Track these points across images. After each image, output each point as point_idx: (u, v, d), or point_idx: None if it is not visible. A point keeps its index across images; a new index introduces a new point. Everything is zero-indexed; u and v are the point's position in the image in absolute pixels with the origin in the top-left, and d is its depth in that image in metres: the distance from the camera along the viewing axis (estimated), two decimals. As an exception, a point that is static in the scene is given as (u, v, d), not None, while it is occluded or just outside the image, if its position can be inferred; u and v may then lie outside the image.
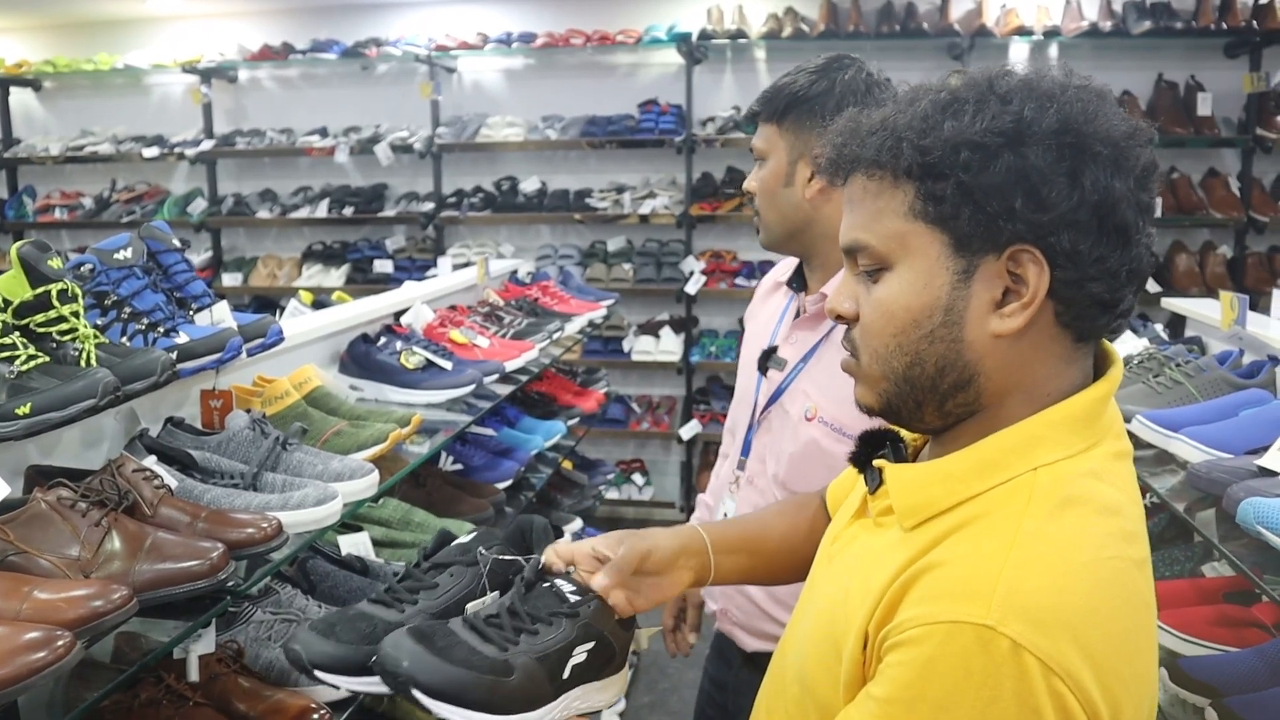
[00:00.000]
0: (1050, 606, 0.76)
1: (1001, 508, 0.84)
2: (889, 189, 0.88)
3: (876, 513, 0.96)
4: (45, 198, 6.03)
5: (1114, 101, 0.87)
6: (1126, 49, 4.94)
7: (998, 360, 0.87)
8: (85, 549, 1.29)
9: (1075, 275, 0.84)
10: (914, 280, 0.88)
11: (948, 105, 0.86)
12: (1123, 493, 0.87)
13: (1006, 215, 0.83)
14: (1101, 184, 0.83)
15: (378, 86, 5.73)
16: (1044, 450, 0.86)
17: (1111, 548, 0.82)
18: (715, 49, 5.30)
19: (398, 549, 2.26)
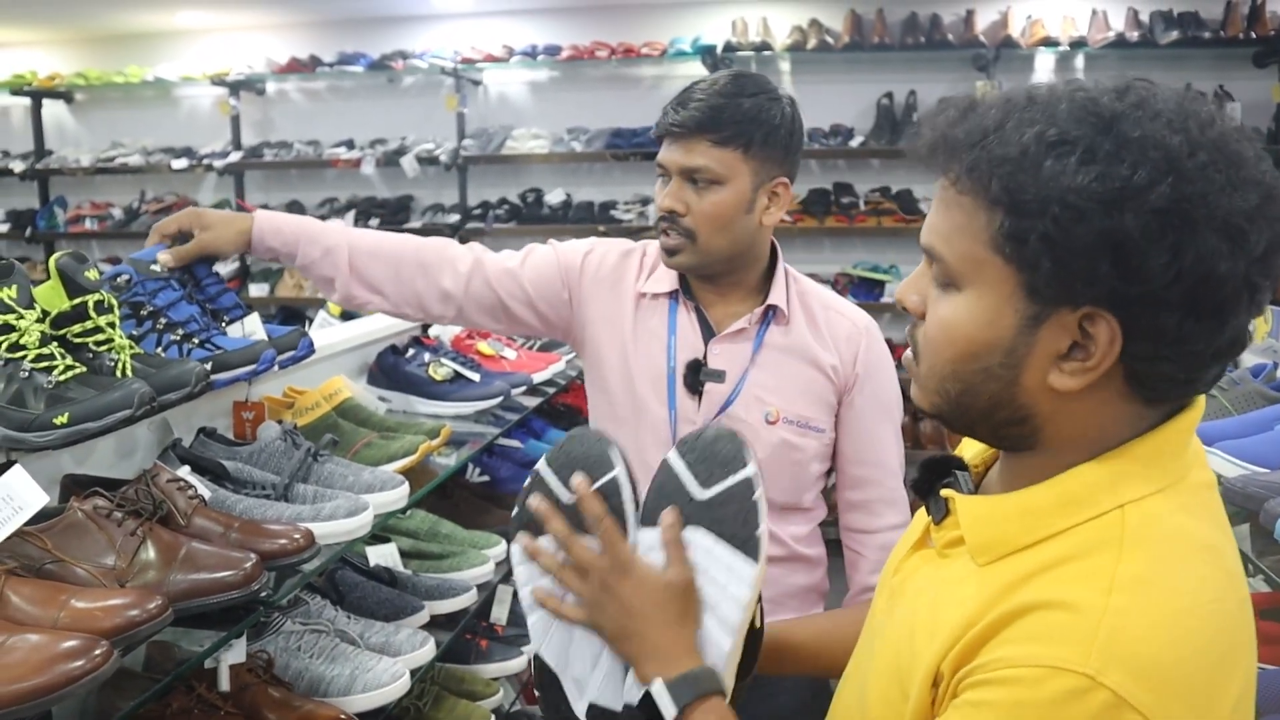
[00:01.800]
0: (1155, 658, 0.72)
1: (1091, 548, 0.79)
2: (977, 209, 0.81)
3: (942, 544, 0.91)
4: (76, 208, 6.11)
5: (1253, 163, 0.77)
6: (1153, 59, 4.90)
7: (1055, 409, 0.83)
8: (121, 558, 1.30)
9: (1150, 351, 0.77)
10: (981, 312, 0.82)
11: (1053, 146, 0.76)
12: (1216, 527, 0.83)
13: (1088, 279, 0.76)
14: (1207, 265, 0.74)
15: (404, 99, 5.77)
16: (1132, 486, 0.80)
17: (1214, 591, 0.78)
18: (740, 61, 5.28)
19: (425, 560, 2.26)
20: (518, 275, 1.78)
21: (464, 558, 2.26)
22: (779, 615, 1.37)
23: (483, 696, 2.31)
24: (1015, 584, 0.80)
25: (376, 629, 1.88)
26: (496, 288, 1.76)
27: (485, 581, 2.27)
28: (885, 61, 5.09)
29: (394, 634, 1.86)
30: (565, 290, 1.79)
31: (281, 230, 1.73)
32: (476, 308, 1.78)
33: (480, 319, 1.81)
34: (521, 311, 1.79)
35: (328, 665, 1.72)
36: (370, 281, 1.75)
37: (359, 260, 1.74)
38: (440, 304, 1.77)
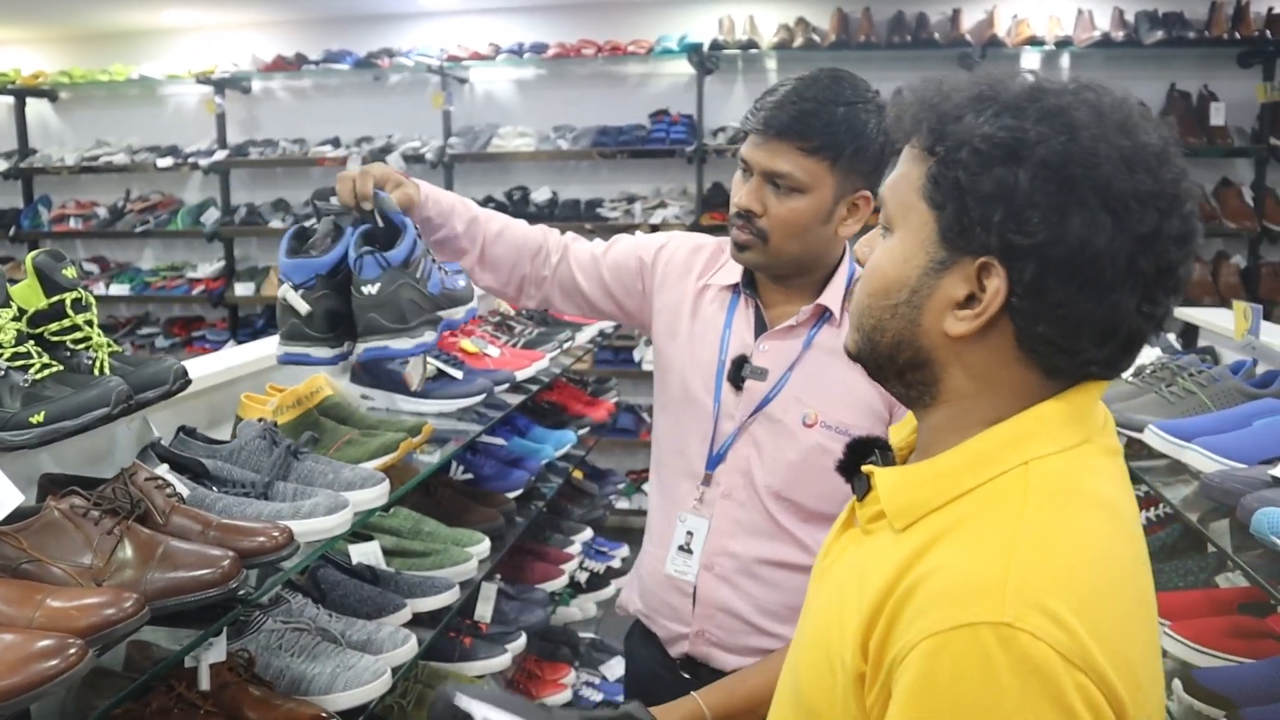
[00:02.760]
0: (1069, 600, 0.75)
1: (997, 503, 0.83)
2: (918, 160, 0.89)
3: (865, 520, 0.95)
4: (60, 207, 6.08)
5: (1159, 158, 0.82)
6: (1139, 59, 4.93)
7: (951, 356, 0.88)
8: (98, 557, 1.29)
9: (1031, 308, 0.83)
10: (900, 251, 0.90)
11: (979, 100, 0.85)
12: (1118, 491, 0.87)
13: (985, 225, 0.83)
14: (1088, 232, 0.80)
15: (390, 97, 5.76)
16: (1035, 444, 0.85)
17: (1114, 543, 0.82)
18: (726, 59, 5.32)
19: (408, 558, 2.26)
20: (600, 262, 1.84)
21: (446, 555, 2.26)
22: None
23: (467, 694, 2.30)
24: (926, 546, 0.83)
25: (358, 627, 1.88)
26: (578, 275, 1.83)
27: (468, 579, 2.27)
28: (871, 60, 5.09)
29: (376, 632, 1.86)
30: (640, 282, 1.84)
31: (440, 202, 1.75)
32: (559, 292, 1.85)
33: (562, 303, 1.87)
34: (599, 300, 1.85)
35: (309, 663, 1.72)
36: (493, 261, 1.81)
37: (490, 240, 1.79)
38: (534, 288, 1.85)
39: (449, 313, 1.69)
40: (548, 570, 3.03)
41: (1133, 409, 2.05)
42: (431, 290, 1.62)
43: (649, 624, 1.84)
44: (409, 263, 1.58)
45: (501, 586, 2.80)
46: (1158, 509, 2.26)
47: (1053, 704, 0.72)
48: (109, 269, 6.09)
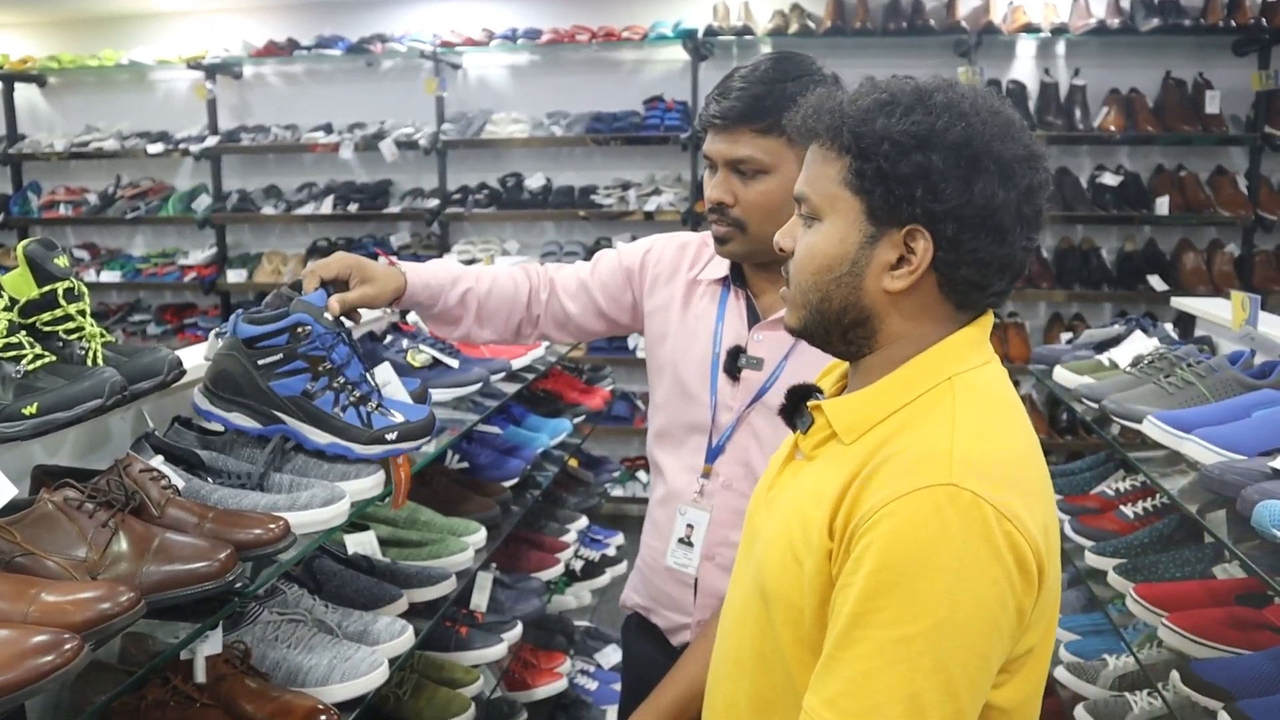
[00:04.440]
0: (995, 468, 0.97)
1: (932, 407, 1.05)
2: (833, 159, 1.08)
3: (810, 447, 1.15)
4: (50, 194, 6.03)
5: (1020, 128, 1.07)
6: (1134, 46, 4.92)
7: (889, 309, 1.09)
8: (92, 550, 1.28)
9: (953, 258, 1.05)
10: (834, 234, 1.09)
11: (885, 105, 1.05)
12: (1015, 397, 1.11)
13: (909, 200, 1.03)
14: (988, 192, 1.02)
15: (383, 83, 5.73)
16: (955, 364, 1.08)
17: (1023, 435, 1.06)
18: (721, 45, 5.29)
19: (404, 548, 2.25)
20: (588, 286, 1.86)
21: (443, 545, 2.25)
22: None
23: (463, 684, 2.30)
24: (878, 445, 1.05)
25: (354, 618, 1.87)
26: (568, 305, 1.86)
27: (465, 569, 2.26)
28: (867, 47, 5.08)
29: (372, 623, 1.85)
30: (630, 292, 1.86)
31: (429, 285, 1.76)
32: (553, 325, 1.89)
33: (555, 335, 1.92)
34: (591, 323, 1.88)
35: (305, 655, 1.71)
36: (489, 318, 1.83)
37: (483, 301, 1.81)
38: (530, 328, 1.88)
39: (300, 426, 1.58)
40: (543, 559, 3.03)
41: (1131, 399, 2.05)
42: (279, 391, 1.57)
43: (649, 615, 1.84)
44: (254, 344, 1.58)
45: (497, 575, 2.80)
46: (1155, 499, 2.26)
47: (987, 545, 0.94)
48: (100, 256, 6.04)
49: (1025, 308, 5.26)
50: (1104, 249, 5.15)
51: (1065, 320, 5.21)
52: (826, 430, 1.12)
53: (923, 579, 0.93)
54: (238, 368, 1.59)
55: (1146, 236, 5.12)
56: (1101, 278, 5.02)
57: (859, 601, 0.96)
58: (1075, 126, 4.95)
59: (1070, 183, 5.03)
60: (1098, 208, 4.96)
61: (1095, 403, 2.16)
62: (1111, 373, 2.29)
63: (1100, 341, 2.58)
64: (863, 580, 0.96)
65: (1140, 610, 1.96)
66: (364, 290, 1.67)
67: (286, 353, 1.57)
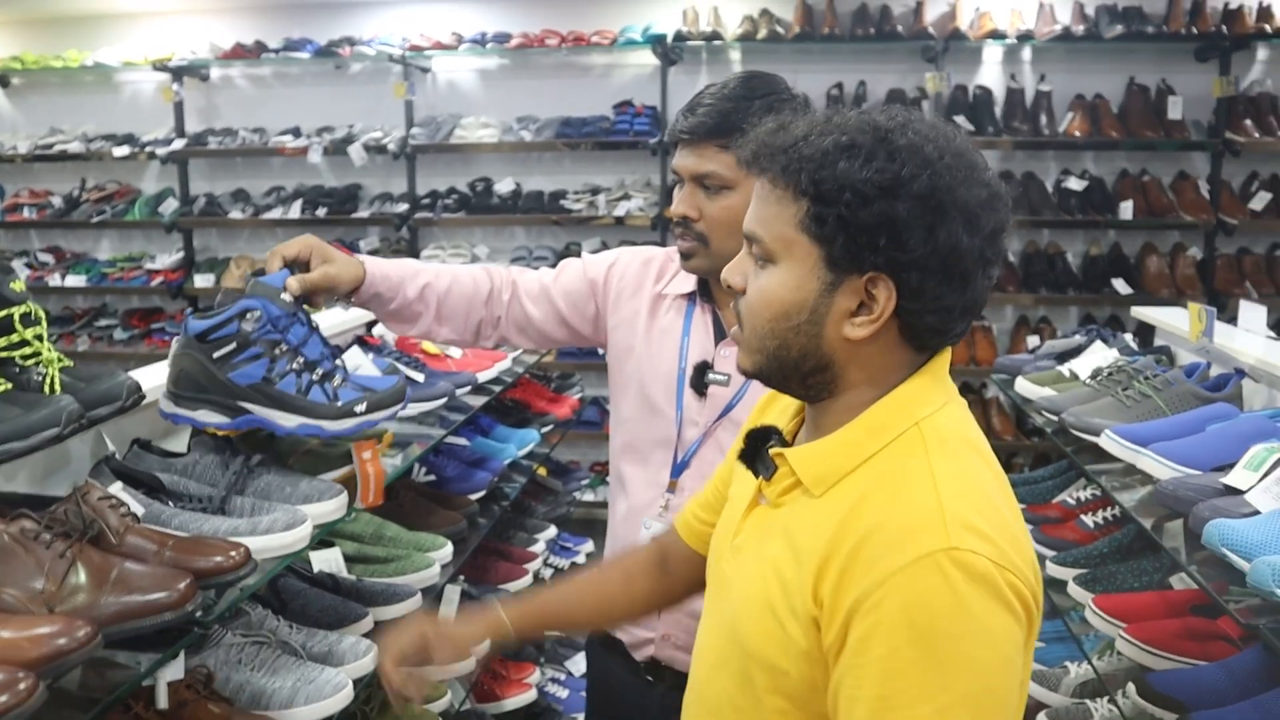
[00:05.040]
0: (984, 520, 0.96)
1: (903, 458, 1.02)
2: (788, 200, 1.03)
3: (775, 495, 1.11)
4: (14, 196, 5.95)
5: (983, 169, 1.03)
6: (1099, 52, 4.98)
7: (849, 356, 1.05)
8: (49, 581, 1.27)
9: (916, 307, 1.01)
10: (791, 280, 1.04)
11: (846, 148, 1.00)
12: (977, 432, 1.09)
13: (872, 249, 0.99)
14: (953, 240, 0.99)
15: (351, 86, 5.69)
16: (919, 408, 1.05)
17: (993, 476, 1.05)
18: (690, 50, 5.30)
19: (370, 564, 2.25)
20: (550, 292, 1.84)
21: (408, 561, 2.25)
22: None
23: (431, 699, 2.31)
24: (856, 505, 1.01)
25: (319, 638, 1.86)
26: (529, 309, 1.83)
27: (430, 585, 2.26)
28: (835, 52, 5.11)
29: (337, 643, 1.85)
30: (593, 303, 1.84)
31: (389, 276, 1.73)
32: (514, 329, 1.85)
33: (517, 339, 1.87)
34: (553, 330, 1.85)
35: (269, 678, 1.70)
36: (448, 316, 1.79)
37: (442, 298, 1.77)
38: (490, 329, 1.84)
39: (266, 412, 1.55)
40: (511, 570, 3.03)
41: (1090, 412, 2.08)
42: (238, 381, 1.55)
43: (613, 630, 1.84)
44: (206, 338, 1.55)
45: (465, 588, 2.79)
46: (1114, 509, 2.29)
47: (997, 599, 0.93)
48: (65, 260, 5.97)
49: (992, 311, 5.31)
50: (1069, 253, 5.20)
51: (1032, 323, 5.27)
52: (791, 478, 1.09)
53: (947, 648, 0.92)
54: (194, 365, 1.56)
55: (1111, 240, 5.18)
56: (1067, 281, 5.08)
57: (882, 684, 0.94)
58: (1041, 132, 5.00)
59: (1036, 187, 5.09)
60: (1063, 212, 5.01)
61: (1055, 415, 2.19)
62: (1072, 384, 2.33)
63: (1062, 352, 2.62)
64: (881, 663, 0.93)
65: (1099, 622, 1.99)
66: (325, 270, 1.64)
67: (240, 341, 1.55)
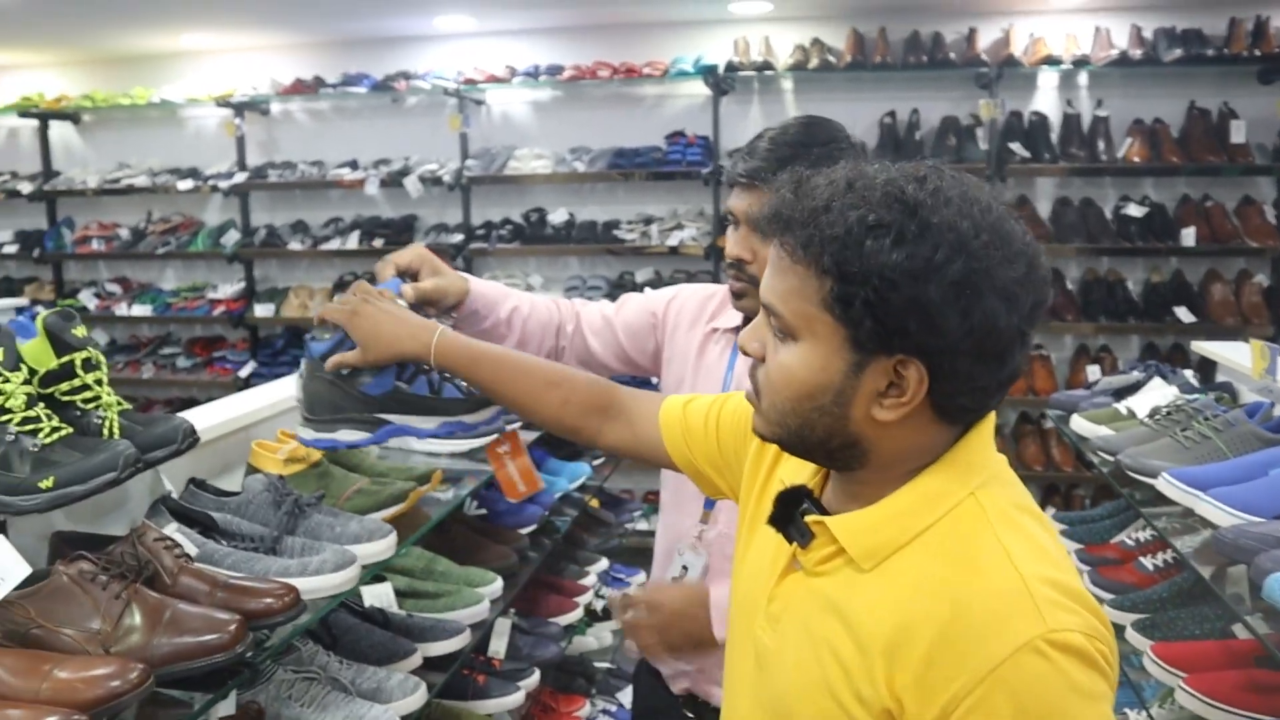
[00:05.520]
0: (1064, 591, 0.92)
1: (966, 532, 0.97)
2: (810, 277, 0.97)
3: (813, 564, 1.05)
4: (83, 229, 6.14)
5: (1020, 239, 0.96)
6: (1158, 77, 4.89)
7: (879, 436, 0.99)
8: (105, 622, 1.30)
9: (950, 389, 0.96)
10: (814, 359, 0.98)
11: (872, 228, 0.93)
12: (1025, 493, 1.04)
13: (901, 334, 0.93)
14: (990, 321, 0.93)
15: (407, 119, 5.79)
16: (972, 476, 1.00)
17: (1054, 540, 1.00)
18: (742, 80, 5.31)
19: (420, 599, 2.26)
20: (613, 324, 1.86)
21: (458, 596, 2.27)
22: None
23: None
24: (923, 585, 0.95)
25: (368, 674, 1.88)
26: (591, 342, 1.85)
27: (480, 621, 2.27)
28: (888, 80, 5.08)
29: (385, 680, 1.87)
30: (653, 339, 1.87)
31: (487, 295, 1.75)
32: (576, 361, 1.86)
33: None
34: (613, 362, 1.87)
35: (318, 714, 1.73)
36: (526, 343, 1.80)
37: (525, 322, 1.79)
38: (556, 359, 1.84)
39: (405, 419, 1.56)
40: (562, 603, 3.03)
41: (1147, 454, 2.03)
42: (371, 392, 1.53)
43: (652, 661, 1.85)
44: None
45: (515, 621, 2.80)
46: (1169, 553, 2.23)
47: (1098, 673, 0.90)
48: (131, 289, 6.14)
49: (1051, 340, 5.23)
50: (1129, 280, 5.11)
51: (1092, 352, 5.17)
52: (832, 547, 1.02)
53: None
54: (325, 386, 1.55)
55: (1173, 268, 5.07)
56: (1128, 310, 4.98)
57: None
58: (1099, 158, 4.92)
59: (1095, 215, 5.01)
60: (1123, 239, 4.92)
61: (1111, 455, 2.14)
62: (1129, 423, 2.28)
63: (1119, 388, 2.57)
64: None
65: (1158, 671, 1.94)
66: (436, 281, 1.65)
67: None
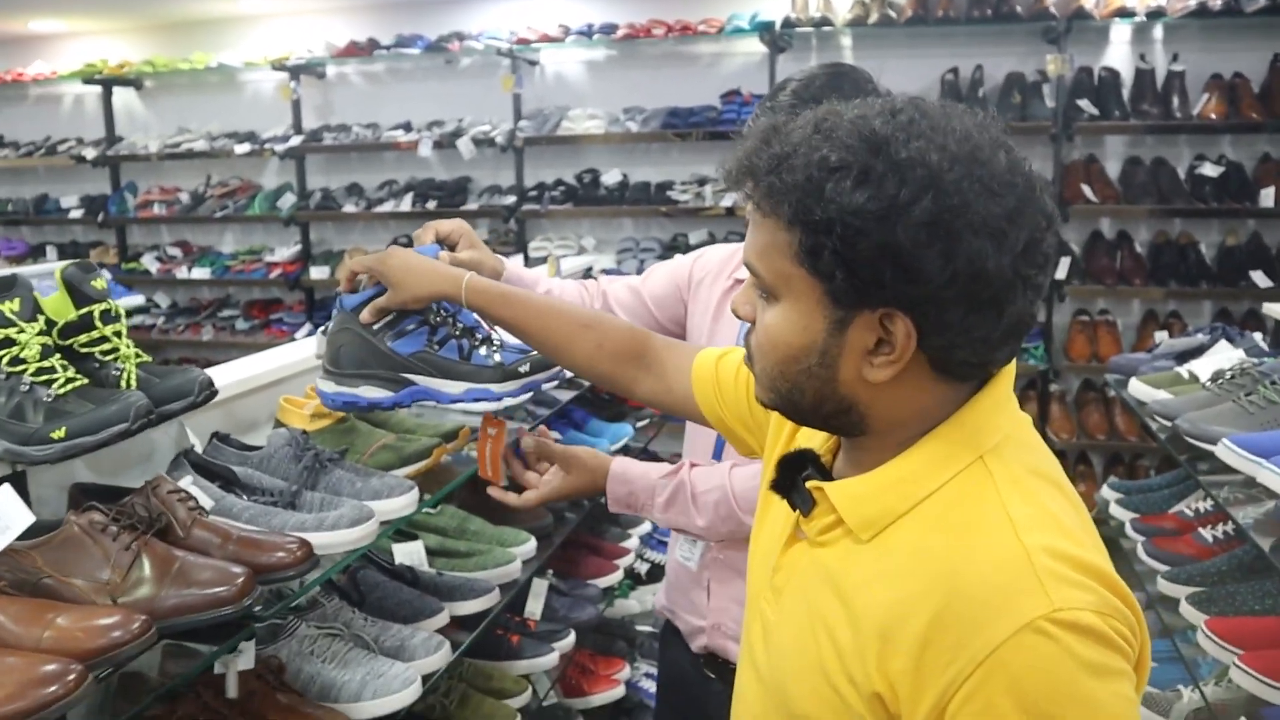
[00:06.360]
0: (1077, 565, 0.83)
1: (974, 501, 0.88)
2: (780, 229, 0.90)
3: (815, 533, 0.99)
4: (145, 193, 6.24)
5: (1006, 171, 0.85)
6: (1239, 29, 4.65)
7: (874, 398, 0.92)
8: (115, 573, 1.30)
9: (943, 341, 0.88)
10: (795, 320, 0.92)
11: (834, 170, 0.85)
12: (1047, 459, 0.95)
13: (876, 284, 0.85)
14: (976, 263, 0.84)
15: (460, 80, 5.76)
16: (981, 438, 0.91)
17: (1072, 507, 0.91)
18: (800, 37, 5.18)
19: (451, 558, 2.25)
20: (641, 294, 1.83)
21: (489, 556, 2.25)
22: None
23: (510, 694, 2.30)
24: (920, 557, 0.87)
25: (393, 632, 1.87)
26: (621, 315, 1.79)
27: (511, 581, 2.25)
28: (950, 35, 4.91)
29: (410, 638, 1.85)
30: (681, 305, 1.83)
31: (523, 278, 1.75)
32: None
33: None
34: None
35: (340, 670, 1.71)
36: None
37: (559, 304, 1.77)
38: None
39: (431, 382, 1.49)
40: (602, 565, 3.01)
41: (1207, 419, 1.92)
42: (400, 350, 1.49)
43: (674, 619, 1.84)
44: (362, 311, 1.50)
45: (553, 582, 2.79)
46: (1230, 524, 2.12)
47: (1112, 650, 0.82)
48: (192, 253, 6.24)
49: (1118, 305, 5.04)
50: (1203, 244, 4.89)
51: (1160, 318, 4.97)
52: (833, 515, 0.96)
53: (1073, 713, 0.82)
54: (354, 340, 1.50)
55: (1250, 230, 4.84)
56: (1200, 274, 4.78)
57: None
58: (1173, 115, 4.70)
59: (1167, 174, 4.79)
60: (1196, 200, 4.70)
61: (1169, 421, 2.04)
62: (1190, 387, 2.16)
63: (1182, 351, 2.44)
64: None
65: (1212, 646, 1.84)
66: (473, 254, 1.63)
67: (398, 310, 1.50)
